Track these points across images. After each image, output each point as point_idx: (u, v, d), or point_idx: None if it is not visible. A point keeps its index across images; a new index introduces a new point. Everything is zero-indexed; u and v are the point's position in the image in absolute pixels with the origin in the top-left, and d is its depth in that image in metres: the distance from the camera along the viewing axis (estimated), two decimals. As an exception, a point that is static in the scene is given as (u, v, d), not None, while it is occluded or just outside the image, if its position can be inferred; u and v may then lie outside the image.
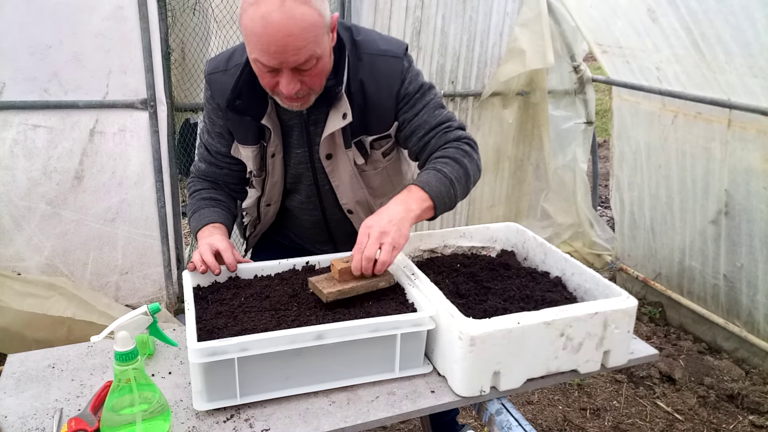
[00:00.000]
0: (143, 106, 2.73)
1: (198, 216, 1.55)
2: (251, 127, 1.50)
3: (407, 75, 1.49)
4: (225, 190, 1.65)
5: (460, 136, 1.51)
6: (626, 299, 1.25)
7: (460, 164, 1.45)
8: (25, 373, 1.28)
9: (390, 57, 1.47)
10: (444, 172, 1.41)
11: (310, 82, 1.32)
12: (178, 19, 2.82)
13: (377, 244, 1.27)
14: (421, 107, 1.51)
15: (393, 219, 1.30)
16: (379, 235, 1.28)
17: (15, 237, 2.70)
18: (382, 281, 1.32)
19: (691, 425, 2.52)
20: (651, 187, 3.31)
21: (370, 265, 1.27)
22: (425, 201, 1.37)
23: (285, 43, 1.21)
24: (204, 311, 1.28)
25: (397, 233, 1.28)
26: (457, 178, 1.42)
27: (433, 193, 1.38)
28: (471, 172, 1.47)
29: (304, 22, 1.21)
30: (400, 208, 1.33)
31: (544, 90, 3.59)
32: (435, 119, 1.51)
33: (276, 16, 1.19)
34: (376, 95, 1.47)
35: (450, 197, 1.42)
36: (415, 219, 1.34)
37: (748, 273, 2.79)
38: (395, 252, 1.28)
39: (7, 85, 2.53)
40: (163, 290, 3.03)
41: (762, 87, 2.51)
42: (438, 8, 3.33)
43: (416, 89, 1.50)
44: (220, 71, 1.50)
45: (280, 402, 1.17)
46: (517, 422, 1.19)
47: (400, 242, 1.29)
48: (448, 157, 1.45)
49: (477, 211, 3.93)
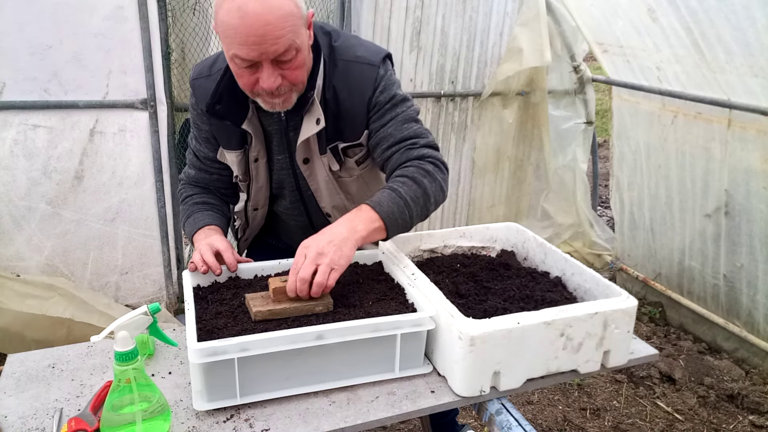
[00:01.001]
0: (143, 106, 2.73)
1: (192, 220, 1.55)
2: (234, 131, 1.49)
3: (380, 83, 1.44)
4: (217, 194, 1.65)
5: (424, 154, 1.42)
6: (626, 299, 1.25)
7: (419, 184, 1.37)
8: (25, 373, 1.28)
9: (365, 64, 1.44)
10: (399, 192, 1.35)
11: (291, 76, 1.31)
12: (178, 19, 2.82)
13: (313, 266, 1.22)
14: (389, 119, 1.45)
15: (334, 239, 1.25)
16: (315, 256, 1.23)
17: (15, 237, 2.70)
18: (320, 305, 1.26)
19: (691, 425, 2.52)
20: (650, 187, 3.31)
21: (305, 286, 1.22)
22: (374, 222, 1.30)
23: (264, 32, 1.20)
24: (204, 311, 1.28)
25: (337, 254, 1.23)
26: (413, 198, 1.35)
27: (384, 213, 1.31)
28: (431, 192, 1.39)
29: (281, 11, 1.21)
30: (344, 228, 1.28)
31: (544, 90, 3.59)
32: (401, 133, 1.44)
33: (252, 5, 1.19)
34: (348, 102, 1.45)
35: (404, 218, 1.35)
36: (361, 240, 1.29)
37: (748, 273, 2.79)
38: (333, 274, 1.23)
39: (7, 85, 2.53)
40: (163, 290, 3.03)
41: (762, 87, 2.51)
42: (438, 8, 3.33)
43: (387, 99, 1.45)
44: (204, 77, 1.50)
45: (280, 402, 1.17)
46: (517, 422, 1.19)
47: (339, 263, 1.23)
48: (406, 176, 1.38)
49: (477, 211, 3.93)
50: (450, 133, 3.69)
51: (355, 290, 1.37)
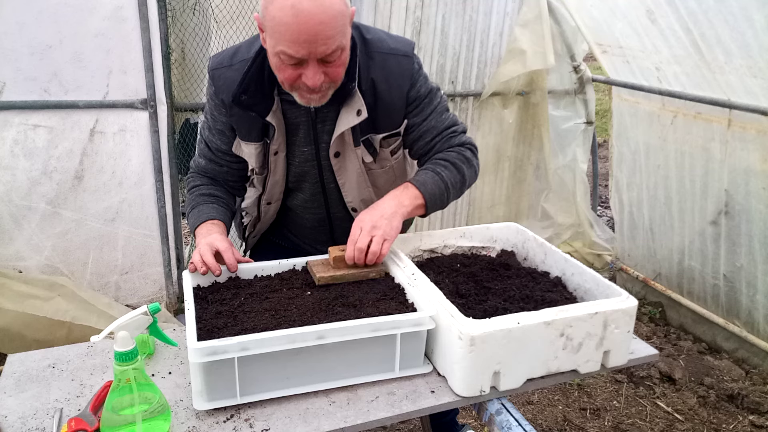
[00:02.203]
0: (143, 106, 2.73)
1: (197, 212, 1.54)
2: (255, 123, 1.49)
3: (417, 77, 1.52)
4: (224, 186, 1.64)
5: (464, 141, 1.59)
6: (626, 299, 1.25)
7: (458, 170, 1.53)
8: (25, 373, 1.28)
9: (401, 56, 1.49)
10: (442, 175, 1.50)
11: (333, 74, 1.33)
12: (178, 19, 2.81)
13: (369, 237, 1.37)
14: (430, 112, 1.56)
15: (385, 214, 1.40)
16: (370, 228, 1.38)
17: (15, 237, 2.70)
18: (373, 272, 1.42)
19: (691, 425, 2.52)
20: (650, 187, 3.32)
21: (361, 255, 1.37)
22: (417, 199, 1.45)
23: (316, 31, 1.22)
24: (204, 311, 1.28)
25: (388, 227, 1.38)
26: (452, 183, 1.51)
27: (428, 193, 1.46)
28: (467, 178, 1.56)
29: (333, 11, 1.22)
30: (393, 203, 1.42)
31: (544, 90, 3.59)
32: (442, 124, 1.57)
33: (307, 4, 1.20)
34: (386, 94, 1.48)
35: (442, 199, 1.51)
36: (407, 215, 1.44)
37: (748, 273, 2.79)
38: (386, 244, 1.38)
39: (7, 84, 2.53)
40: (163, 290, 3.03)
41: (761, 87, 2.51)
42: (438, 8, 3.33)
43: (426, 93, 1.54)
44: (225, 66, 1.49)
45: (280, 402, 1.17)
46: (517, 422, 1.19)
47: (390, 235, 1.38)
48: (448, 161, 1.53)
49: (477, 211, 3.93)
50: (450, 133, 3.69)
51: (355, 290, 1.37)
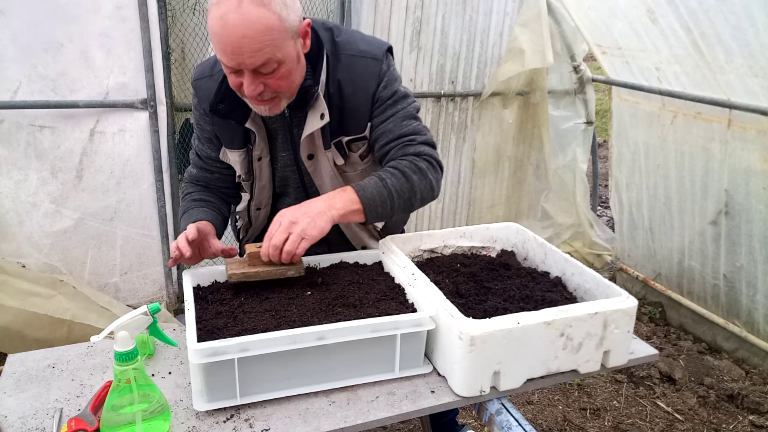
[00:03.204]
0: (143, 106, 2.73)
1: (187, 216, 1.55)
2: (237, 131, 1.50)
3: (384, 78, 1.46)
4: (217, 193, 1.65)
5: (420, 151, 1.45)
6: (626, 299, 1.25)
7: (407, 178, 1.41)
8: (25, 373, 1.28)
9: (368, 58, 1.45)
10: (386, 181, 1.39)
11: (274, 85, 1.32)
12: (178, 19, 2.82)
13: (286, 233, 1.29)
14: (391, 114, 1.48)
15: (309, 212, 1.32)
16: (288, 224, 1.30)
17: (17, 234, 2.71)
18: (291, 270, 1.35)
19: (691, 425, 2.52)
20: (649, 187, 3.32)
21: (276, 252, 1.30)
22: (354, 203, 1.36)
23: (240, 44, 1.22)
24: (204, 311, 1.28)
25: (309, 225, 1.30)
26: (398, 191, 1.40)
27: (366, 198, 1.37)
28: (417, 189, 1.43)
29: (259, 25, 1.21)
30: (322, 204, 1.34)
31: (544, 90, 3.59)
32: (400, 129, 1.47)
33: (232, 17, 1.20)
34: (352, 96, 1.46)
35: (384, 207, 1.39)
36: (338, 218, 1.34)
37: (748, 273, 2.79)
38: (303, 243, 1.29)
39: (22, 84, 2.54)
40: (163, 290, 3.03)
41: (762, 87, 2.51)
42: (438, 8, 3.33)
43: (390, 95, 1.47)
44: (206, 77, 1.51)
45: (280, 402, 1.17)
46: (517, 422, 1.19)
47: (309, 234, 1.29)
48: (397, 168, 1.42)
49: (477, 211, 3.93)
50: (450, 133, 3.69)
51: (355, 290, 1.37)
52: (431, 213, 3.83)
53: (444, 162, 3.73)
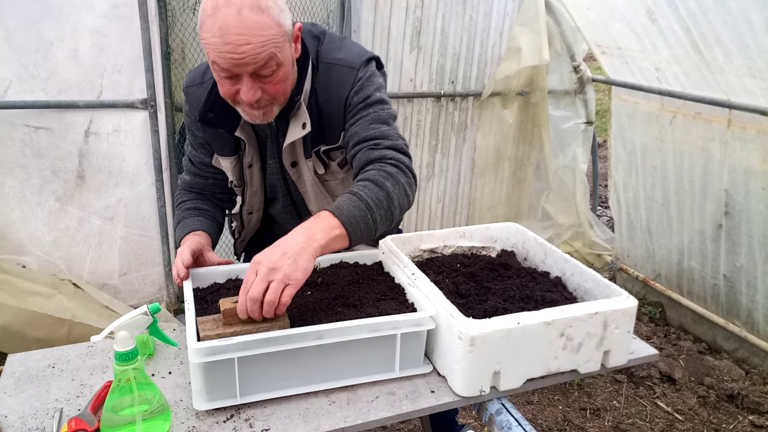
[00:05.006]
0: (143, 105, 2.73)
1: (182, 226, 1.56)
2: (227, 139, 1.50)
3: (357, 85, 1.42)
4: (211, 200, 1.65)
5: (385, 155, 1.35)
6: (626, 299, 1.25)
7: (380, 186, 1.30)
8: (25, 373, 1.28)
9: (344, 66, 1.43)
10: (360, 195, 1.27)
11: (271, 90, 1.31)
12: (178, 19, 2.82)
13: (265, 283, 1.11)
14: (358, 118, 1.41)
15: (288, 251, 1.13)
16: (267, 272, 1.11)
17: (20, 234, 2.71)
18: (275, 326, 1.14)
19: (691, 425, 2.52)
20: (646, 188, 3.32)
21: (255, 306, 1.11)
22: (335, 229, 1.21)
23: (243, 51, 1.22)
24: (204, 311, 1.28)
25: (291, 267, 1.12)
26: (376, 201, 1.28)
27: (345, 218, 1.23)
28: (394, 195, 1.31)
29: (261, 30, 1.22)
30: (300, 238, 1.17)
31: (544, 90, 3.60)
32: (365, 132, 1.40)
33: (233, 24, 1.20)
34: (327, 104, 1.44)
35: (367, 223, 1.26)
36: (321, 250, 1.18)
37: (748, 273, 2.79)
38: (288, 290, 1.11)
39: (13, 83, 2.53)
40: (163, 290, 3.03)
41: (761, 88, 2.51)
42: (438, 8, 3.33)
43: (361, 100, 1.42)
44: (197, 84, 1.51)
45: (280, 402, 1.17)
46: (517, 422, 1.19)
47: (294, 277, 1.12)
48: (367, 179, 1.31)
49: (477, 211, 3.93)
50: (450, 133, 3.69)
51: (355, 290, 1.37)
52: (431, 213, 3.83)
53: (444, 162, 3.79)
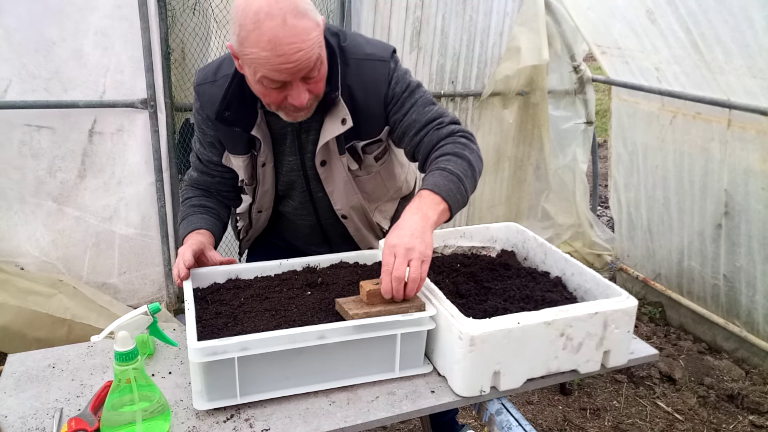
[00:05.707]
0: (143, 106, 2.73)
1: (186, 223, 1.55)
2: (241, 137, 1.50)
3: (393, 76, 1.47)
4: (217, 198, 1.65)
5: (453, 130, 1.46)
6: (626, 299, 1.25)
7: (462, 158, 1.39)
8: (25, 373, 1.28)
9: (376, 61, 1.46)
10: (449, 169, 1.36)
11: (316, 89, 1.34)
12: (178, 19, 2.81)
13: (405, 262, 1.19)
14: (410, 106, 1.48)
15: (414, 231, 1.22)
16: (405, 252, 1.20)
17: (19, 233, 2.71)
18: (413, 307, 1.22)
19: (691, 425, 2.52)
20: (647, 188, 3.32)
21: (401, 286, 1.19)
22: (439, 204, 1.30)
23: (296, 59, 1.23)
24: (204, 311, 1.28)
25: (423, 245, 1.21)
26: (463, 172, 1.37)
27: (445, 193, 1.31)
28: (474, 164, 1.42)
29: (308, 35, 1.23)
30: (417, 218, 1.26)
31: (544, 90, 3.59)
32: (425, 116, 1.48)
33: (282, 35, 1.20)
34: (364, 101, 1.47)
35: (461, 193, 1.36)
36: (435, 225, 1.28)
37: (748, 273, 2.79)
38: (425, 266, 1.21)
39: (12, 82, 2.53)
40: (163, 290, 3.03)
41: (761, 87, 2.51)
42: (438, 8, 3.33)
43: (403, 89, 1.48)
44: (209, 82, 1.50)
45: (280, 402, 1.17)
46: (517, 422, 1.19)
47: (427, 254, 1.22)
48: (448, 153, 1.40)
49: (477, 211, 3.93)
50: (450, 133, 3.69)
51: (355, 290, 1.37)
52: (431, 213, 3.82)
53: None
